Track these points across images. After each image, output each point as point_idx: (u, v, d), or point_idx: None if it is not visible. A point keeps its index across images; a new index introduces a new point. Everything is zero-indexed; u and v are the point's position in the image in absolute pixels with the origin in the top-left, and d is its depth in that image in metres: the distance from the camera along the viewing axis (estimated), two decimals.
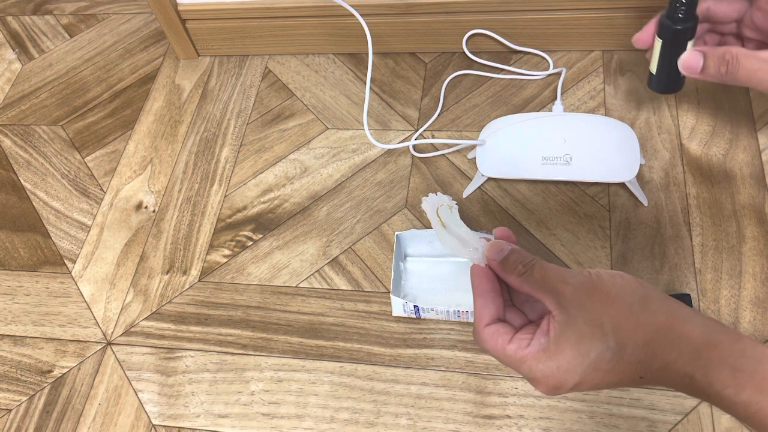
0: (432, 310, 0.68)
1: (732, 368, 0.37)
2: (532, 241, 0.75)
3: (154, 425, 0.68)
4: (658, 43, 0.64)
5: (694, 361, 0.38)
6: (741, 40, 0.65)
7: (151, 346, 0.73)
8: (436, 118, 0.86)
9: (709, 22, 0.65)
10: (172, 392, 0.70)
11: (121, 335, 0.75)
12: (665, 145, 0.80)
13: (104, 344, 0.75)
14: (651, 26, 0.64)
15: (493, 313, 0.45)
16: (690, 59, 0.61)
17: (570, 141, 0.75)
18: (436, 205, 0.50)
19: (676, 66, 0.63)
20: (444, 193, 0.54)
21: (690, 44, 0.63)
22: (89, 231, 0.84)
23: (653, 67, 0.66)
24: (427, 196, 0.51)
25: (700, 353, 0.38)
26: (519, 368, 0.42)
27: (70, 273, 0.80)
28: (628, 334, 0.39)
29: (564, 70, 0.86)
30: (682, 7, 0.60)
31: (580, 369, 0.40)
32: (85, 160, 0.91)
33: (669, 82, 0.66)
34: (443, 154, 0.83)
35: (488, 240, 0.47)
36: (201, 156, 0.88)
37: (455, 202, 0.51)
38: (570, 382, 0.40)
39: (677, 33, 0.61)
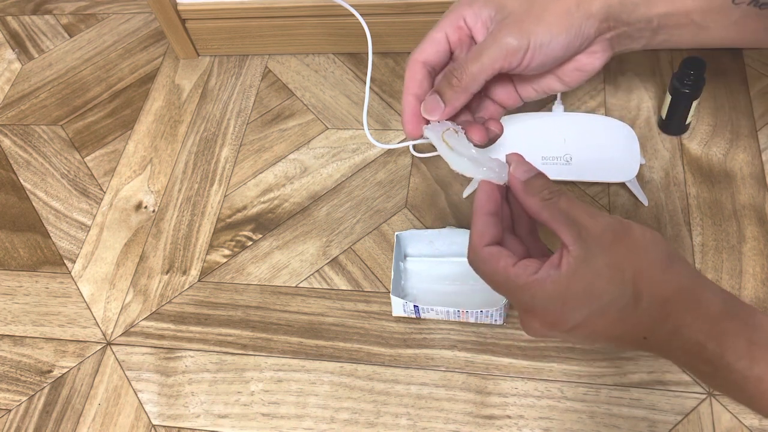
0: (432, 310, 0.68)
1: (748, 340, 0.36)
2: None
3: (153, 425, 0.68)
4: (668, 98, 0.76)
5: (709, 329, 0.36)
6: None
7: (151, 346, 0.73)
8: None
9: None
10: (172, 392, 0.70)
11: (120, 335, 0.75)
12: (665, 145, 0.80)
13: (104, 344, 0.74)
14: None
15: (495, 234, 0.41)
16: (428, 102, 0.46)
17: (570, 141, 0.75)
18: (441, 130, 0.46)
19: (681, 116, 0.77)
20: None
21: (695, 103, 0.76)
22: (89, 231, 0.84)
23: (663, 114, 0.79)
24: (428, 123, 0.46)
25: (718, 322, 0.37)
26: (519, 294, 0.39)
27: (70, 273, 0.80)
28: (648, 287, 0.37)
29: None
30: (690, 77, 0.73)
31: (587, 310, 0.37)
32: (85, 160, 0.91)
33: (675, 128, 0.80)
34: None
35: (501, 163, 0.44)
36: (201, 156, 0.88)
37: (460, 126, 0.46)
38: (570, 322, 0.38)
39: (685, 95, 0.75)
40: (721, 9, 0.43)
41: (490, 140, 0.47)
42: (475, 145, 0.45)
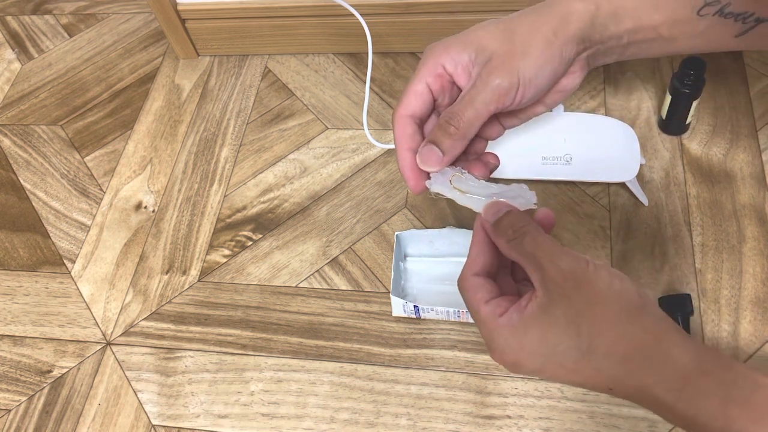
0: (432, 310, 0.68)
1: (724, 399, 0.34)
2: None
3: (153, 425, 0.68)
4: (668, 98, 0.76)
5: (679, 389, 0.35)
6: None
7: (151, 347, 0.73)
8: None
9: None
10: (172, 392, 0.70)
11: (120, 335, 0.75)
12: (665, 145, 0.80)
13: (104, 344, 0.74)
14: None
15: (486, 263, 0.42)
16: (425, 154, 0.44)
17: (570, 141, 0.75)
18: (446, 179, 0.45)
19: (681, 116, 0.77)
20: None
21: (695, 103, 0.75)
22: (89, 231, 0.84)
23: (664, 114, 0.78)
24: (429, 179, 0.45)
25: (687, 381, 0.35)
26: (483, 332, 0.40)
27: (70, 273, 0.80)
28: (605, 342, 0.36)
29: None
30: (690, 77, 0.73)
31: (542, 358, 0.37)
32: (85, 159, 0.91)
33: (676, 128, 0.79)
34: None
35: (522, 187, 0.43)
36: (201, 156, 0.88)
37: (459, 167, 0.46)
38: (529, 366, 0.38)
39: (685, 95, 0.74)
40: (687, 21, 0.43)
41: (490, 172, 0.47)
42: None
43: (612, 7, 0.43)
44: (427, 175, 0.46)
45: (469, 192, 0.44)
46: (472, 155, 0.48)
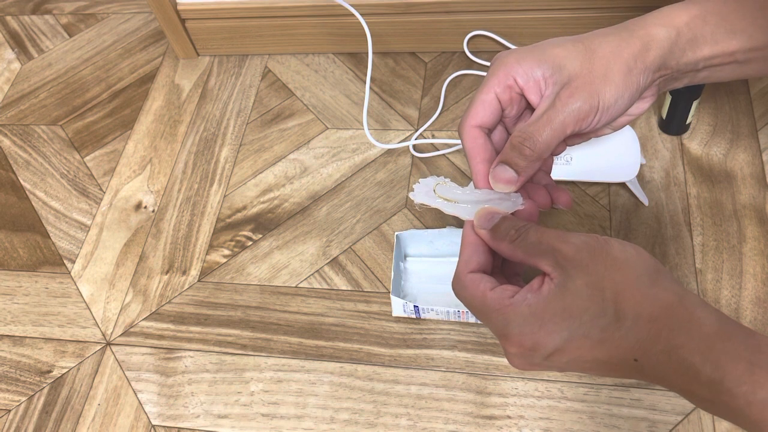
0: (432, 310, 0.68)
1: (749, 363, 0.34)
2: None
3: (153, 426, 0.68)
4: (669, 98, 0.76)
5: (705, 352, 0.34)
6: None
7: (151, 347, 0.73)
8: (437, 118, 0.86)
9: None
10: (172, 392, 0.70)
11: (120, 335, 0.75)
12: (666, 145, 0.80)
13: (103, 344, 0.74)
14: None
15: (481, 262, 0.41)
16: (499, 174, 0.44)
17: None
18: (430, 189, 0.45)
19: (682, 116, 0.77)
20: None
21: (695, 103, 0.75)
22: (88, 231, 0.83)
23: (664, 114, 0.79)
24: (413, 190, 0.46)
25: (713, 343, 0.34)
26: (494, 319, 0.38)
27: (70, 273, 0.80)
28: (632, 305, 0.35)
29: None
30: None
31: (566, 333, 0.36)
32: (85, 159, 0.91)
33: (676, 128, 0.80)
34: (443, 154, 0.83)
35: (510, 194, 0.43)
36: (200, 156, 0.88)
37: (442, 177, 0.46)
38: (549, 346, 0.36)
39: (685, 95, 0.74)
40: (763, 47, 0.43)
41: (551, 207, 0.46)
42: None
43: (691, 34, 0.42)
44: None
45: (454, 200, 0.45)
46: (542, 177, 0.47)
